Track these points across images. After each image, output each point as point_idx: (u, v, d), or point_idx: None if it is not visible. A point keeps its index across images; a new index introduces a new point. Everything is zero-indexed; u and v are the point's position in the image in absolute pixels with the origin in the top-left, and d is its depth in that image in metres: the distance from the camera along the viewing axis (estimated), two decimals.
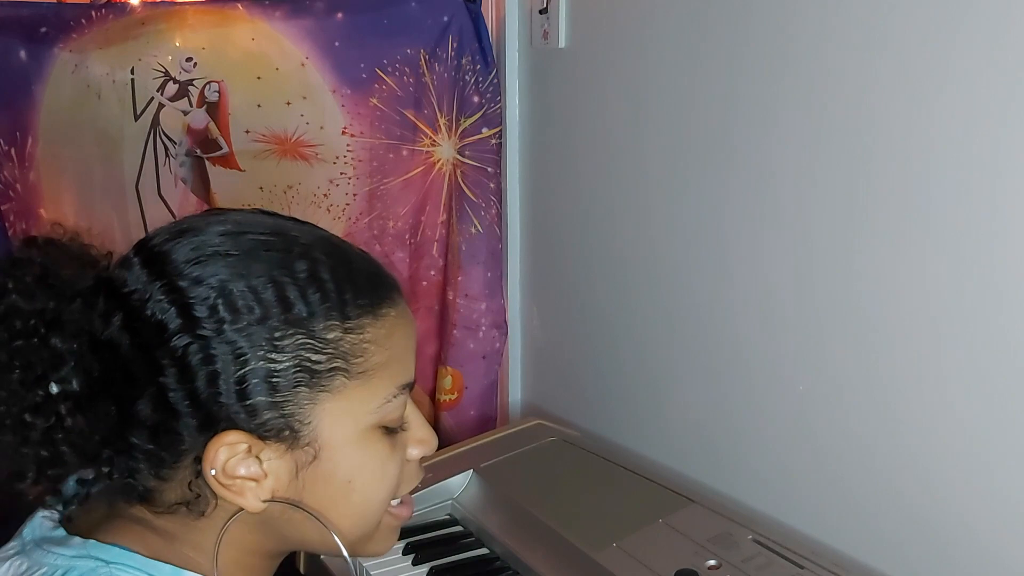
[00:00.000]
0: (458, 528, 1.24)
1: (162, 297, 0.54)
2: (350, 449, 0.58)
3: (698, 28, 1.24)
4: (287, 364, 0.54)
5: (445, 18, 1.58)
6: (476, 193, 1.66)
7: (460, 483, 1.28)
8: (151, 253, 0.56)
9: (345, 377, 0.56)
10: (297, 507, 0.57)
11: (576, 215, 1.55)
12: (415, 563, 1.15)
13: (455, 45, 1.59)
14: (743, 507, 1.25)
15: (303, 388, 0.55)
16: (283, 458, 0.56)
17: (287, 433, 0.55)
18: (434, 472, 1.29)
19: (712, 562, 1.05)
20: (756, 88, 1.16)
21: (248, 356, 0.54)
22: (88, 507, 0.59)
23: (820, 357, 1.13)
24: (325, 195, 1.65)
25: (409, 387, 0.61)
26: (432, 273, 1.74)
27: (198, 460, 0.55)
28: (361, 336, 0.57)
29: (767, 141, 1.15)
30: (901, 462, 1.05)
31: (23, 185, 1.56)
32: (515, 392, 1.79)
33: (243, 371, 0.54)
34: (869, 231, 1.04)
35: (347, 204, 1.66)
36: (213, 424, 0.54)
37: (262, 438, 0.55)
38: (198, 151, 1.60)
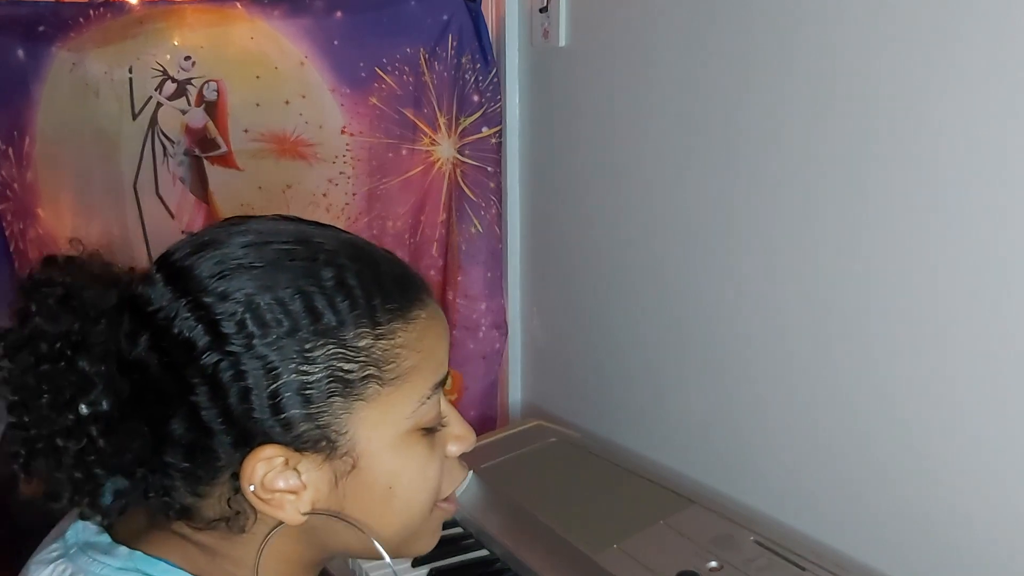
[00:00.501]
0: (458, 529, 1.23)
1: (188, 314, 0.53)
2: (389, 455, 0.57)
3: (699, 26, 1.23)
4: (320, 375, 0.53)
5: (445, 17, 1.58)
6: (476, 193, 1.66)
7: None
8: (173, 269, 0.55)
9: (379, 384, 0.55)
10: (338, 517, 0.56)
11: (576, 215, 1.55)
12: (415, 564, 1.15)
13: (455, 44, 1.58)
14: (745, 508, 1.24)
15: (337, 398, 0.54)
16: (321, 469, 0.55)
17: (324, 444, 0.54)
18: None
19: (713, 563, 1.04)
20: (758, 86, 1.15)
21: (280, 370, 0.53)
22: (128, 515, 0.59)
23: (822, 358, 1.12)
24: (324, 195, 1.64)
25: (442, 384, 0.60)
26: (432, 273, 1.73)
27: (235, 476, 0.54)
28: (393, 341, 0.56)
29: (768, 140, 1.15)
30: (904, 464, 1.04)
31: (20, 184, 1.56)
32: (515, 392, 1.79)
33: (275, 385, 0.53)
34: (874, 231, 1.03)
35: (346, 204, 1.66)
36: (248, 440, 0.53)
37: (299, 450, 0.54)
38: (196, 150, 1.60)
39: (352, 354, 0.54)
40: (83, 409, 0.53)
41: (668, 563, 1.05)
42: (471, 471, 1.28)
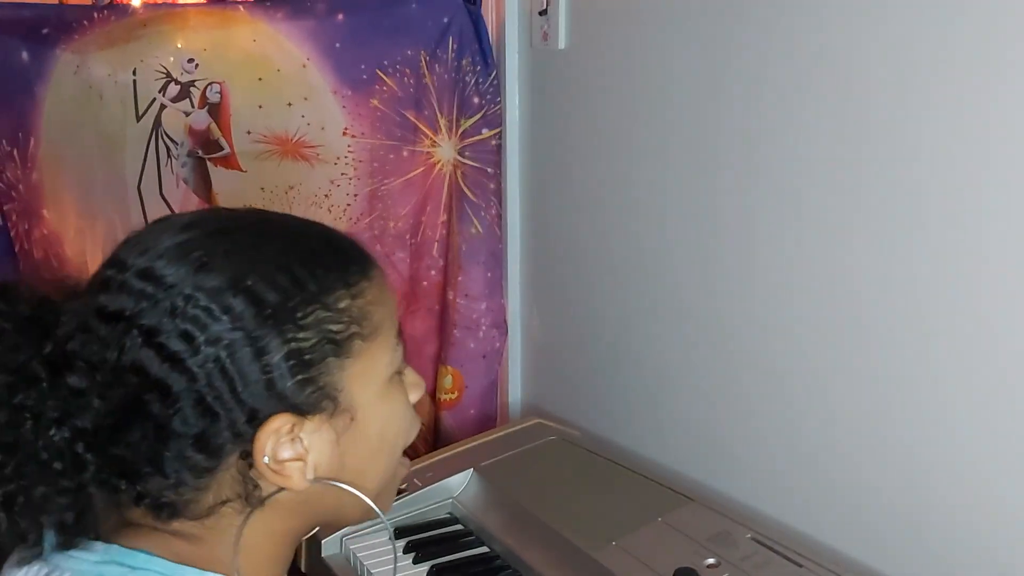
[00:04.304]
0: (458, 527, 1.24)
1: (181, 305, 0.54)
2: (378, 404, 0.61)
3: (697, 30, 1.24)
4: (314, 340, 0.57)
5: (445, 19, 1.58)
6: (476, 194, 1.66)
7: (460, 482, 1.29)
8: (140, 270, 0.56)
9: (361, 340, 0.59)
10: (337, 485, 0.59)
11: (576, 215, 1.56)
12: (416, 561, 1.16)
13: (455, 46, 1.59)
14: (742, 506, 1.25)
15: (331, 358, 0.57)
16: (322, 429, 0.58)
17: (326, 403, 0.57)
18: (434, 471, 1.30)
19: (711, 560, 1.05)
20: (755, 90, 1.16)
21: (279, 340, 0.55)
22: (102, 513, 0.58)
23: (816, 356, 1.13)
24: (326, 196, 1.65)
25: (401, 333, 0.64)
26: (432, 273, 1.74)
27: (243, 456, 0.56)
28: (365, 299, 0.60)
29: (764, 144, 1.16)
30: (898, 461, 1.05)
31: (25, 186, 1.57)
32: (515, 392, 1.80)
33: (278, 356, 0.55)
34: (859, 234, 1.05)
35: (348, 204, 1.67)
36: (257, 416, 0.55)
37: (303, 415, 0.56)
38: (200, 152, 1.61)
39: (336, 315, 0.58)
40: (77, 425, 0.53)
41: (666, 560, 1.05)
42: (472, 469, 1.30)
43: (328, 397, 0.57)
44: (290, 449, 0.56)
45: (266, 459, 0.55)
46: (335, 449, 0.58)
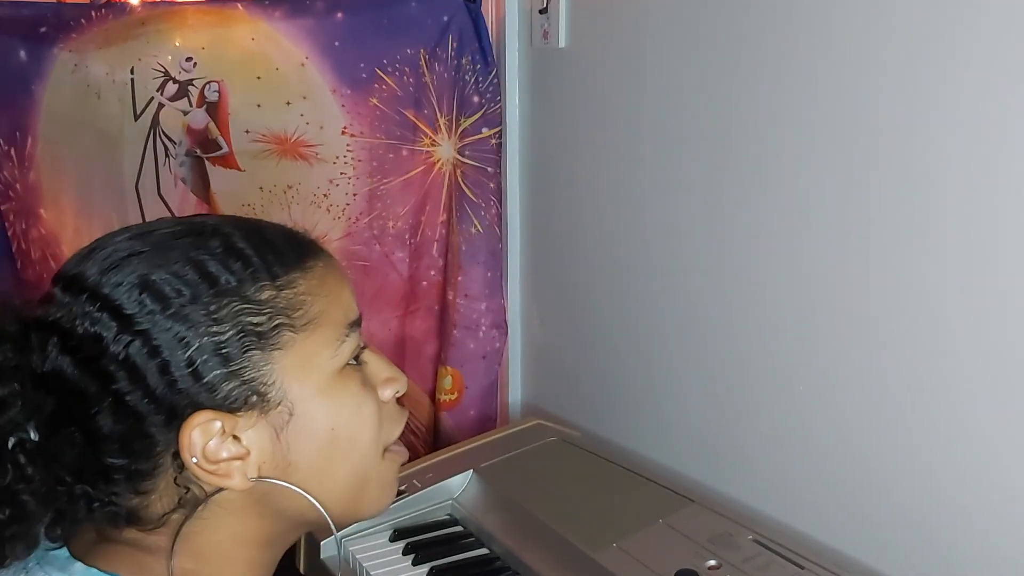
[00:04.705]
0: (458, 528, 1.24)
1: (90, 308, 0.54)
2: (323, 398, 0.58)
3: (697, 28, 1.24)
4: (231, 333, 0.55)
5: (445, 18, 1.58)
6: (476, 193, 1.66)
7: (460, 483, 1.28)
8: (66, 278, 0.57)
9: (292, 332, 0.57)
10: (284, 484, 0.57)
11: (576, 215, 1.55)
12: (415, 563, 1.15)
13: (455, 45, 1.59)
14: (743, 507, 1.25)
15: (255, 351, 0.56)
16: (259, 426, 0.56)
17: (255, 398, 0.56)
18: (434, 472, 1.30)
19: (712, 562, 1.05)
20: (756, 87, 1.16)
21: (190, 337, 0.54)
22: (79, 528, 0.59)
23: (819, 357, 1.13)
24: (325, 195, 1.65)
25: (357, 324, 0.62)
26: (432, 273, 1.74)
27: (176, 457, 0.55)
28: (295, 290, 0.58)
29: (766, 141, 1.15)
30: (901, 462, 1.05)
31: (23, 185, 1.56)
32: (515, 392, 1.79)
33: (190, 352, 0.54)
34: (867, 231, 1.04)
35: (347, 204, 1.66)
36: (178, 413, 0.54)
37: (232, 411, 0.55)
38: (198, 151, 1.60)
39: (257, 307, 0.56)
40: (17, 434, 0.53)
41: (667, 562, 1.05)
42: (472, 470, 1.29)
43: (255, 392, 0.56)
44: (229, 448, 0.55)
45: (194, 459, 0.54)
46: (277, 446, 0.57)
